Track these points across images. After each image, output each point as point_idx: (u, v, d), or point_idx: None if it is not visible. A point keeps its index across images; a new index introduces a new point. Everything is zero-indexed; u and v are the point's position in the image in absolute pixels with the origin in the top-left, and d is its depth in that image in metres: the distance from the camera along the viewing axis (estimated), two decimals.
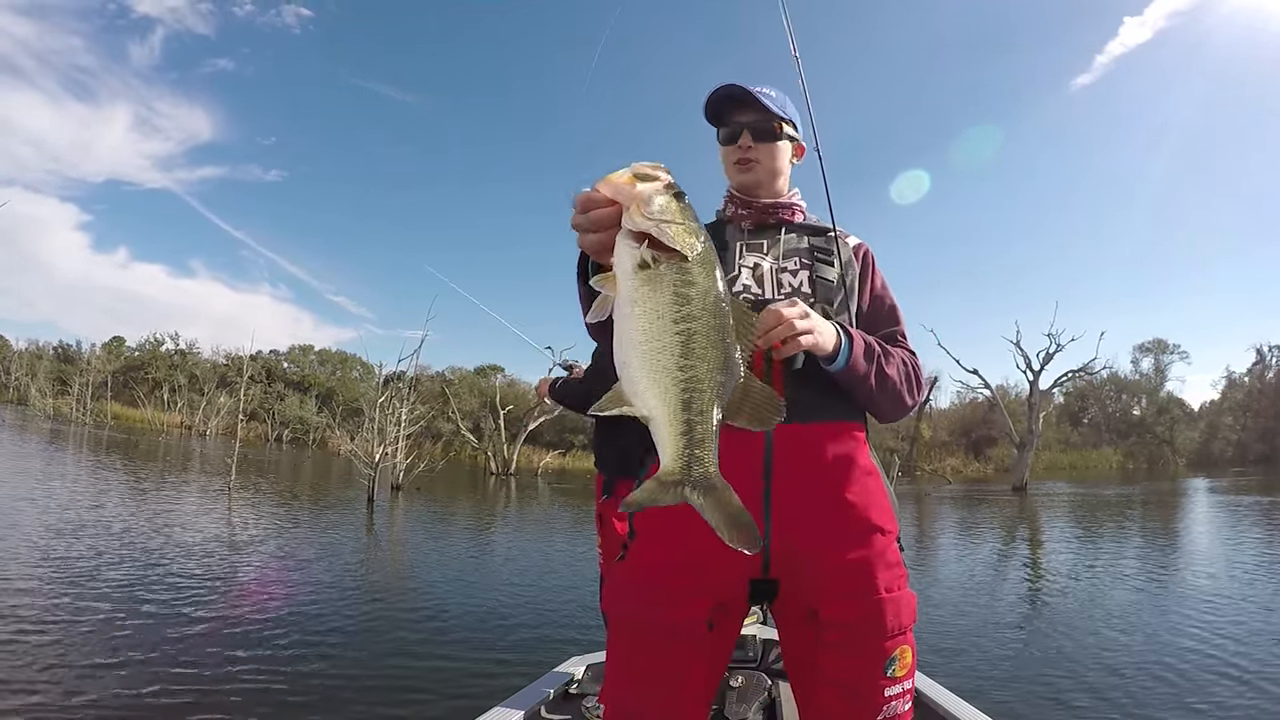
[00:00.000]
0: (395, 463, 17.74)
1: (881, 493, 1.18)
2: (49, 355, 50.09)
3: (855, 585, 1.09)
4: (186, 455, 23.00)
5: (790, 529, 1.11)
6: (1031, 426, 25.31)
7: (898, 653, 1.07)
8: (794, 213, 1.37)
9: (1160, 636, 5.51)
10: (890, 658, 1.07)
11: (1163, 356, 45.72)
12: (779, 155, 1.35)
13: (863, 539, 1.12)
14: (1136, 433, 41.36)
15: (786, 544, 1.10)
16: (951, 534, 12.95)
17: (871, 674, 1.06)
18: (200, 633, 4.73)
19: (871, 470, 1.19)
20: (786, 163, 1.38)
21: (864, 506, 1.14)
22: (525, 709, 2.08)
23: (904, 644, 1.09)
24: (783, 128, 1.34)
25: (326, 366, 47.42)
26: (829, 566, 1.10)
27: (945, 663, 4.84)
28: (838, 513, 1.12)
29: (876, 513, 1.15)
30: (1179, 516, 15.91)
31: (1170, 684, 4.41)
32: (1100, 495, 21.55)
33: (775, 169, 1.35)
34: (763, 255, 1.30)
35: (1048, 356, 25.40)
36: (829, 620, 1.08)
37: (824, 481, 1.13)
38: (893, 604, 1.09)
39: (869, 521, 1.13)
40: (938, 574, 8.54)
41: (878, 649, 1.06)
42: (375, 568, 7.83)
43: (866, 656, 1.06)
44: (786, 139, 1.35)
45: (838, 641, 1.07)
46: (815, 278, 1.26)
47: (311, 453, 33.28)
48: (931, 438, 35.18)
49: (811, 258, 1.29)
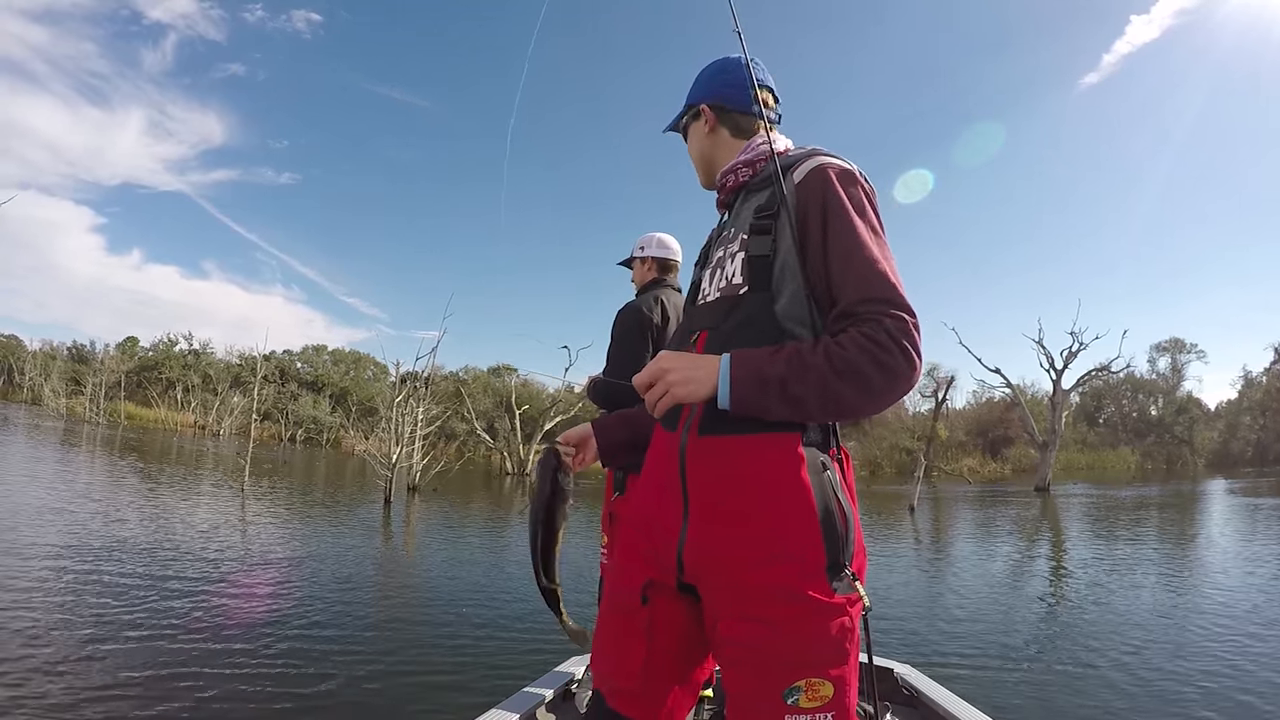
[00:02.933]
0: (412, 463, 17.60)
1: (802, 517, 1.00)
2: (63, 355, 50.35)
3: (753, 612, 1.01)
4: (200, 455, 22.98)
5: (698, 539, 1.06)
6: (1054, 426, 25.00)
7: (802, 683, 0.98)
8: (738, 174, 1.23)
9: (1216, 652, 5.30)
10: (792, 686, 0.98)
11: (1180, 356, 45.33)
12: (691, 144, 1.35)
13: (768, 564, 1.01)
14: (1155, 433, 40.90)
15: (696, 553, 1.07)
16: (983, 536, 12.72)
17: (768, 699, 0.99)
18: (214, 633, 4.75)
19: (795, 492, 1.01)
20: (700, 139, 1.32)
21: (775, 531, 1.01)
22: (525, 709, 2.09)
23: (814, 675, 0.98)
24: (682, 120, 1.35)
25: (340, 366, 47.49)
26: (730, 586, 1.04)
27: (998, 675, 4.70)
28: (743, 534, 1.03)
29: (788, 539, 1.00)
30: (1215, 520, 15.61)
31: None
32: (1125, 497, 21.24)
33: (696, 156, 1.34)
34: (723, 244, 1.21)
35: (1070, 355, 25.09)
36: (722, 636, 1.04)
37: (728, 498, 1.04)
38: (793, 635, 0.99)
39: (775, 546, 1.01)
40: (976, 578, 8.35)
41: (772, 676, 0.99)
42: (393, 570, 7.77)
43: (760, 680, 1.00)
44: (690, 121, 1.34)
45: (731, 659, 1.03)
46: (749, 257, 1.10)
47: (325, 453, 33.26)
48: (949, 438, 34.83)
49: (752, 230, 1.11)
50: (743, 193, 1.22)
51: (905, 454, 33.13)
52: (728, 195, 1.27)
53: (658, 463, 1.18)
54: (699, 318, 1.18)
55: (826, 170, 1.06)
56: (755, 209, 1.13)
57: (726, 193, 1.26)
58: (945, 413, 35.05)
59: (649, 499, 1.18)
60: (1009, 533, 13.22)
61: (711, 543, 1.05)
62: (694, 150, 1.33)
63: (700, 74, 1.33)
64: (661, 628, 1.12)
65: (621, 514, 1.26)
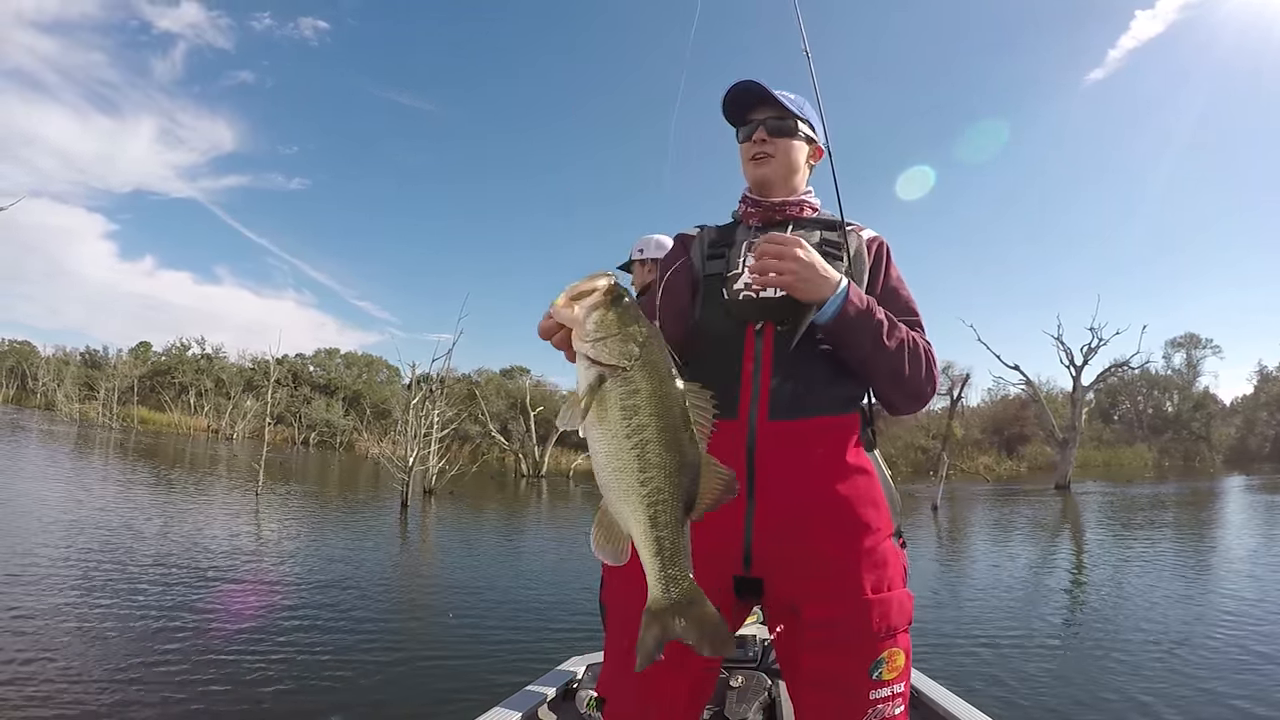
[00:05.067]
0: (428, 466, 17.46)
1: (873, 489, 1.12)
2: (76, 361, 50.59)
3: (838, 586, 1.05)
4: (214, 459, 22.99)
5: (772, 527, 1.08)
6: (1075, 423, 24.74)
7: (885, 655, 1.02)
8: (803, 209, 1.34)
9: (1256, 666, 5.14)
10: (877, 659, 1.01)
11: (1195, 351, 44.88)
12: (794, 152, 1.34)
13: (848, 538, 1.07)
14: (1172, 429, 40.48)
15: (768, 542, 1.08)
16: (1012, 536, 12.54)
17: (856, 676, 1.01)
18: (228, 635, 4.84)
19: (863, 467, 1.13)
20: (803, 161, 1.36)
21: (850, 504, 1.08)
22: (525, 709, 2.08)
23: (893, 646, 1.04)
24: (799, 126, 1.33)
25: (352, 370, 47.50)
26: (811, 566, 1.06)
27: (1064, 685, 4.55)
28: (821, 511, 1.08)
29: (866, 510, 1.09)
30: (1245, 519, 15.37)
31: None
32: (1147, 494, 20.95)
33: (790, 165, 1.34)
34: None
35: (1090, 351, 24.83)
36: (810, 620, 1.05)
37: (807, 479, 1.09)
38: (880, 605, 1.04)
39: (855, 519, 1.08)
40: (1011, 579, 8.20)
41: (862, 650, 1.02)
42: (411, 573, 7.78)
43: (851, 658, 1.02)
44: (803, 138, 1.34)
45: (820, 641, 1.04)
46: None
47: (339, 456, 33.26)
48: (964, 436, 34.55)
49: (820, 252, 1.22)
50: (792, 223, 1.32)
51: (921, 452, 32.85)
52: (781, 218, 1.32)
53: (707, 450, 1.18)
54: (760, 310, 1.21)
55: (884, 241, 1.33)
56: (825, 241, 1.27)
57: (783, 216, 1.32)
58: (961, 411, 34.77)
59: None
60: (1038, 532, 13.05)
61: (789, 526, 1.07)
62: (790, 159, 1.34)
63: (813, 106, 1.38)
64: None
65: None
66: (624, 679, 1.13)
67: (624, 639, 1.14)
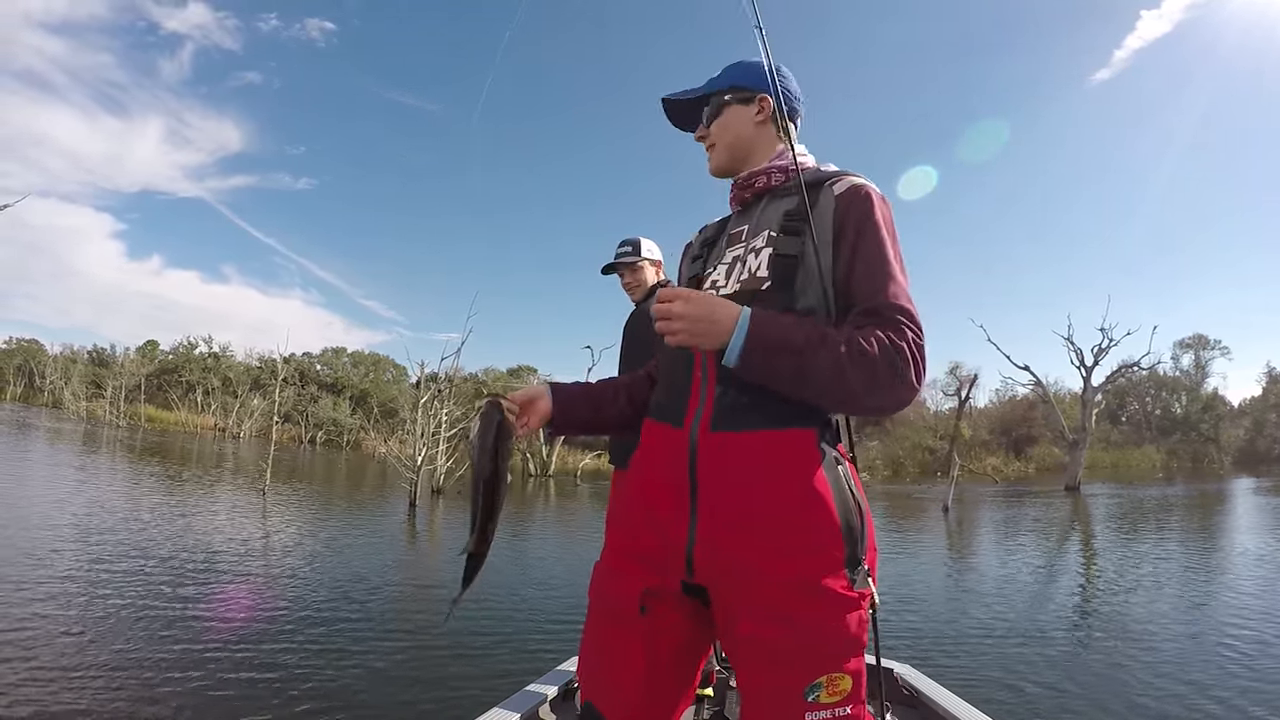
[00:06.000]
0: (436, 466, 17.42)
1: (821, 513, 1.02)
2: (83, 359, 50.77)
3: (772, 605, 1.01)
4: (221, 457, 23.00)
5: (711, 537, 1.05)
6: (1085, 424, 24.64)
7: (824, 679, 0.99)
8: (770, 178, 1.22)
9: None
10: (814, 683, 0.98)
11: (1203, 352, 44.68)
12: (732, 126, 1.25)
13: (785, 559, 1.01)
14: (1180, 430, 40.30)
15: (707, 552, 1.05)
16: (1023, 538, 12.46)
17: (789, 695, 0.99)
18: (238, 632, 4.85)
19: (813, 488, 1.03)
20: (747, 125, 1.25)
21: (791, 527, 1.02)
22: (525, 709, 2.08)
23: (836, 670, 0.99)
24: (724, 99, 1.26)
25: (359, 369, 47.55)
26: (747, 581, 1.03)
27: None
28: (759, 528, 1.03)
29: (809, 534, 1.02)
30: (1257, 520, 15.27)
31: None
32: (1158, 496, 20.86)
33: (735, 140, 1.25)
34: (741, 241, 1.21)
35: (1101, 351, 24.71)
36: (744, 635, 1.03)
37: (747, 495, 1.04)
38: (815, 631, 0.99)
39: (796, 542, 1.02)
40: (1023, 581, 8.14)
41: (795, 672, 0.99)
42: (420, 572, 7.77)
43: (782, 678, 0.99)
44: (737, 104, 1.25)
45: (752, 658, 1.02)
46: (776, 256, 1.12)
47: (346, 455, 33.28)
48: (972, 437, 34.45)
49: (783, 229, 1.14)
50: (767, 196, 1.23)
51: (928, 453, 32.78)
52: (751, 194, 1.25)
53: (657, 460, 1.16)
54: None
55: (867, 189, 1.12)
56: (785, 212, 1.15)
57: (752, 191, 1.24)
58: (969, 411, 34.67)
59: (646, 497, 1.16)
60: (1054, 534, 12.96)
61: (727, 541, 1.04)
62: (729, 134, 1.26)
63: (748, 63, 1.27)
64: (661, 637, 1.11)
65: (611, 514, 1.21)
66: (584, 662, 1.20)
67: (587, 624, 1.21)
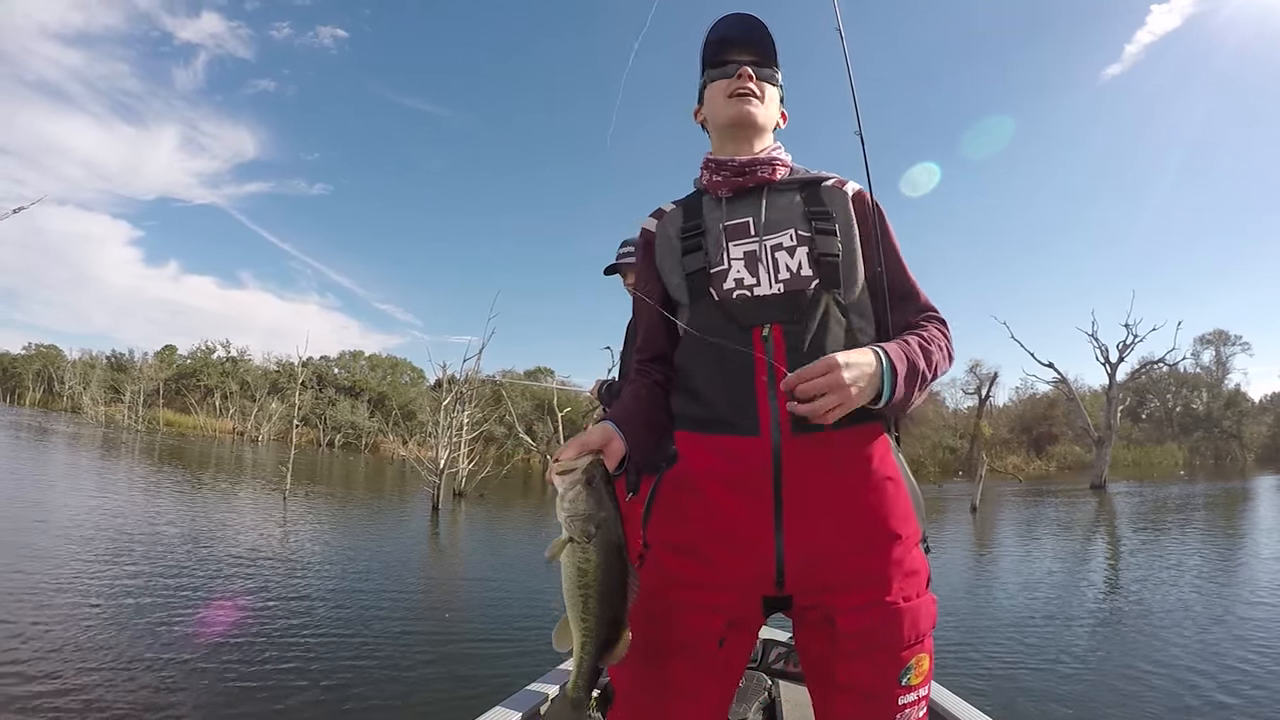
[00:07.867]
0: (458, 469, 17.37)
1: (900, 497, 1.09)
2: (102, 364, 51.18)
3: (871, 595, 1.04)
4: (240, 461, 23.09)
5: (803, 541, 1.06)
6: (1110, 421, 24.34)
7: (913, 661, 1.03)
8: (774, 170, 1.20)
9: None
10: (906, 667, 1.03)
11: (1224, 348, 44.14)
12: (771, 100, 1.24)
13: (878, 547, 1.06)
14: (1203, 427, 39.81)
15: (799, 557, 1.06)
16: (1055, 538, 12.28)
17: (887, 683, 1.02)
18: (253, 639, 4.86)
19: (891, 474, 1.09)
20: (775, 109, 1.27)
21: (880, 514, 1.07)
22: (526, 709, 2.07)
23: (920, 652, 1.05)
24: (778, 74, 1.26)
25: (377, 372, 47.68)
26: (844, 577, 1.06)
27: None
28: (851, 522, 1.06)
29: (894, 519, 1.07)
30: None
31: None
32: (1184, 494, 20.55)
33: (766, 116, 1.23)
34: (749, 235, 1.16)
35: (1125, 348, 24.43)
36: (845, 630, 1.04)
37: (836, 491, 1.06)
38: (909, 613, 1.04)
39: (885, 529, 1.06)
40: (1061, 582, 8.01)
41: (893, 658, 1.03)
42: (446, 575, 7.79)
43: (882, 666, 1.03)
44: (780, 94, 1.27)
45: (854, 651, 1.04)
46: (818, 256, 1.12)
47: (365, 458, 33.37)
48: (992, 435, 34.14)
49: (809, 225, 1.14)
50: (766, 189, 1.20)
51: (949, 452, 32.53)
52: (751, 182, 1.20)
53: (725, 472, 1.10)
54: (761, 310, 1.12)
55: (870, 193, 1.20)
56: (808, 211, 1.16)
57: (754, 180, 1.20)
58: (989, 410, 34.37)
59: (721, 519, 1.09)
60: (1085, 533, 12.78)
61: (822, 544, 1.05)
62: (770, 107, 1.24)
63: (770, 34, 1.24)
64: (734, 668, 1.13)
65: (656, 539, 1.16)
66: (640, 703, 1.12)
67: (638, 661, 1.09)
